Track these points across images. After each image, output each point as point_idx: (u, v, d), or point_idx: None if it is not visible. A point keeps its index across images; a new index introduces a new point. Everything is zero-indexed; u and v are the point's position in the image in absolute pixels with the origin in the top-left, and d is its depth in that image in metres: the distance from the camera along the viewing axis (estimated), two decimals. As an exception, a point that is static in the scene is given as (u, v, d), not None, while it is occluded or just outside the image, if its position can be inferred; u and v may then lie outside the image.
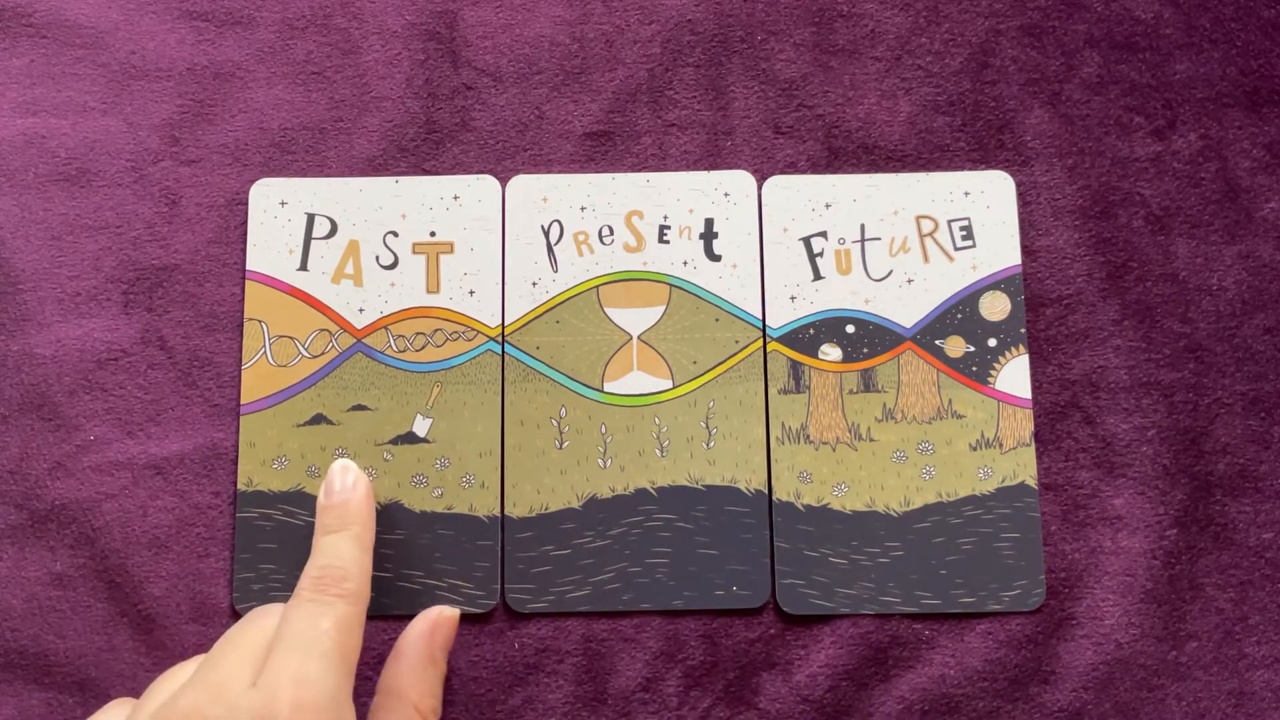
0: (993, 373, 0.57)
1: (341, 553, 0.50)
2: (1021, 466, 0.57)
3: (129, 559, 0.56)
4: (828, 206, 0.59)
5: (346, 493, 0.53)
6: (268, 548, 0.56)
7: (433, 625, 0.53)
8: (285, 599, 0.55)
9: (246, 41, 0.61)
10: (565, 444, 0.57)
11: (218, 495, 0.56)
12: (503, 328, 0.58)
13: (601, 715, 0.55)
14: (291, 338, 0.57)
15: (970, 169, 0.59)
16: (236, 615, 0.55)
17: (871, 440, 0.57)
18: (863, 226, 0.59)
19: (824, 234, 0.58)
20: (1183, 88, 0.60)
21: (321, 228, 0.58)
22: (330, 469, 0.54)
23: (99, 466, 0.56)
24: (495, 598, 0.56)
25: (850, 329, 0.58)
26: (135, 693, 0.54)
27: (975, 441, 0.57)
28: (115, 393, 0.57)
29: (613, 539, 0.56)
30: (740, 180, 0.59)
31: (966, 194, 0.59)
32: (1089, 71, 0.60)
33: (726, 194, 0.59)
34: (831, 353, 0.58)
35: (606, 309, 0.58)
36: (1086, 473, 0.57)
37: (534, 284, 0.58)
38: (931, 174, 0.59)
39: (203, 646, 0.55)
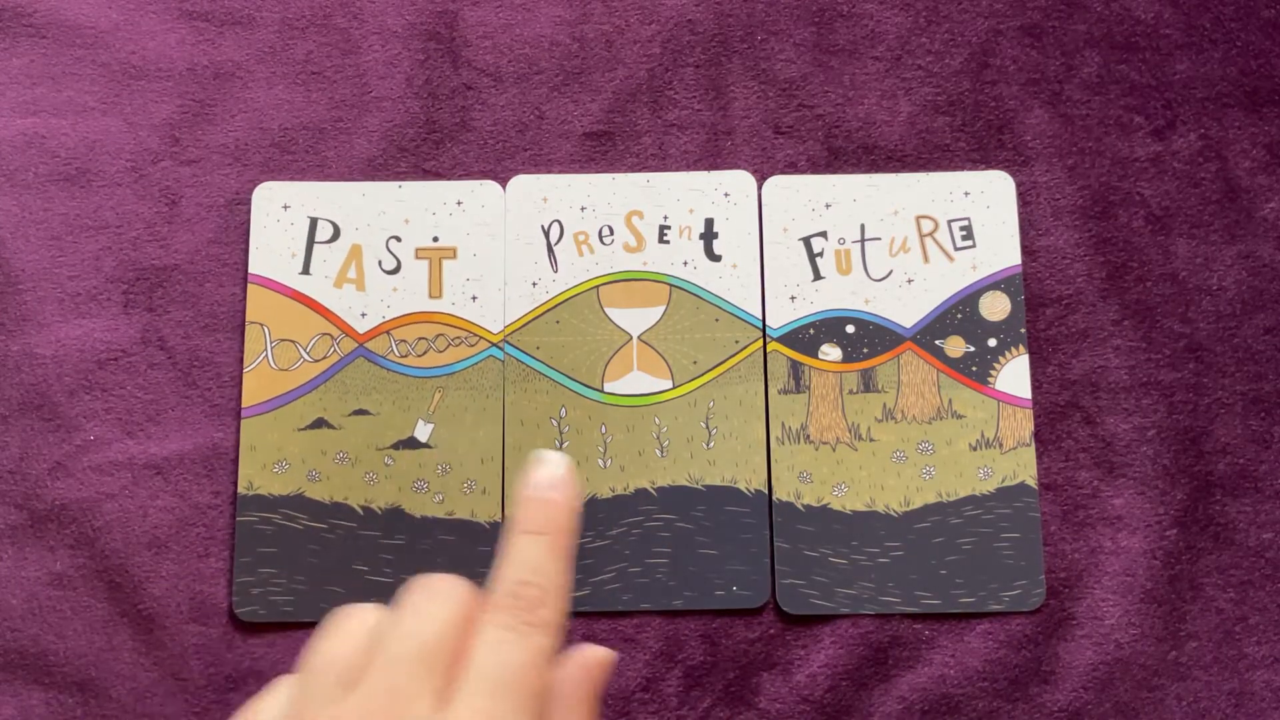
0: (993, 373, 0.57)
1: (542, 567, 0.46)
2: (1021, 466, 0.57)
3: (129, 559, 0.56)
4: (828, 206, 0.59)
5: (557, 489, 0.49)
6: (268, 551, 0.56)
7: (586, 669, 0.46)
8: (285, 603, 0.55)
9: (246, 41, 0.60)
10: (565, 444, 0.57)
11: (218, 495, 0.56)
12: (503, 332, 0.58)
13: (601, 715, 0.55)
14: (293, 341, 0.57)
15: (970, 169, 0.59)
16: (236, 619, 0.55)
17: (871, 440, 0.57)
18: (863, 226, 0.59)
19: (824, 234, 0.58)
20: (1183, 88, 0.60)
21: (324, 231, 0.58)
22: (540, 455, 0.49)
23: (99, 466, 0.56)
24: (496, 601, 0.56)
25: (850, 329, 0.58)
26: (136, 692, 0.55)
27: (975, 441, 0.57)
28: (115, 393, 0.57)
29: (613, 539, 0.56)
30: (740, 180, 0.59)
31: (966, 194, 0.59)
32: (1089, 71, 0.60)
33: (726, 194, 0.59)
34: (831, 353, 0.58)
35: (606, 309, 0.58)
36: (1086, 473, 0.57)
37: (534, 284, 0.58)
38: (931, 174, 0.59)
39: (203, 646, 0.55)
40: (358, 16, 0.61)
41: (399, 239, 0.58)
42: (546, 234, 0.59)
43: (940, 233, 0.59)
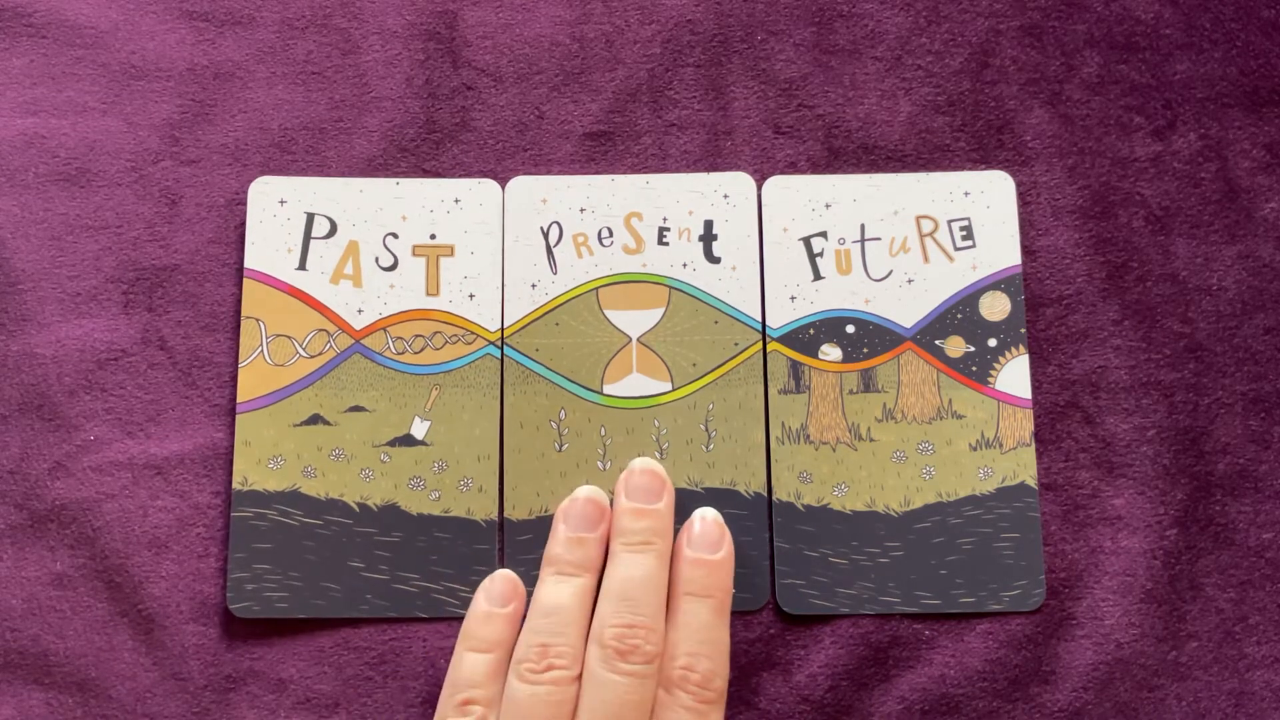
0: (993, 373, 0.57)
1: (711, 636, 0.48)
2: (1021, 466, 0.56)
3: (129, 559, 0.56)
4: (828, 206, 0.59)
5: (719, 547, 0.50)
6: (262, 547, 0.56)
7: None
8: (280, 600, 0.55)
9: (246, 41, 0.61)
10: (565, 446, 0.57)
11: (218, 495, 0.56)
12: (502, 331, 0.58)
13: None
14: (289, 337, 0.57)
15: (970, 169, 0.59)
16: (231, 615, 0.55)
17: (871, 440, 0.57)
18: (863, 226, 0.59)
19: (824, 234, 0.58)
20: (1183, 88, 0.60)
21: (321, 227, 0.58)
22: (702, 514, 0.51)
23: (99, 466, 0.56)
24: (492, 600, 0.56)
25: (850, 329, 0.58)
26: (136, 692, 0.55)
27: (975, 441, 0.57)
28: (115, 393, 0.57)
29: (612, 540, 0.56)
30: (739, 182, 0.59)
31: (966, 194, 0.59)
32: (1089, 71, 0.60)
33: (726, 196, 0.59)
34: (831, 353, 0.57)
35: (606, 311, 0.58)
36: (1086, 473, 0.57)
37: (533, 286, 0.58)
38: (931, 174, 0.59)
39: (203, 646, 0.55)
40: (358, 16, 0.61)
41: (396, 235, 0.58)
42: (545, 236, 0.58)
43: (940, 233, 0.58)
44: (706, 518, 0.51)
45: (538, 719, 0.47)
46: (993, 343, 0.57)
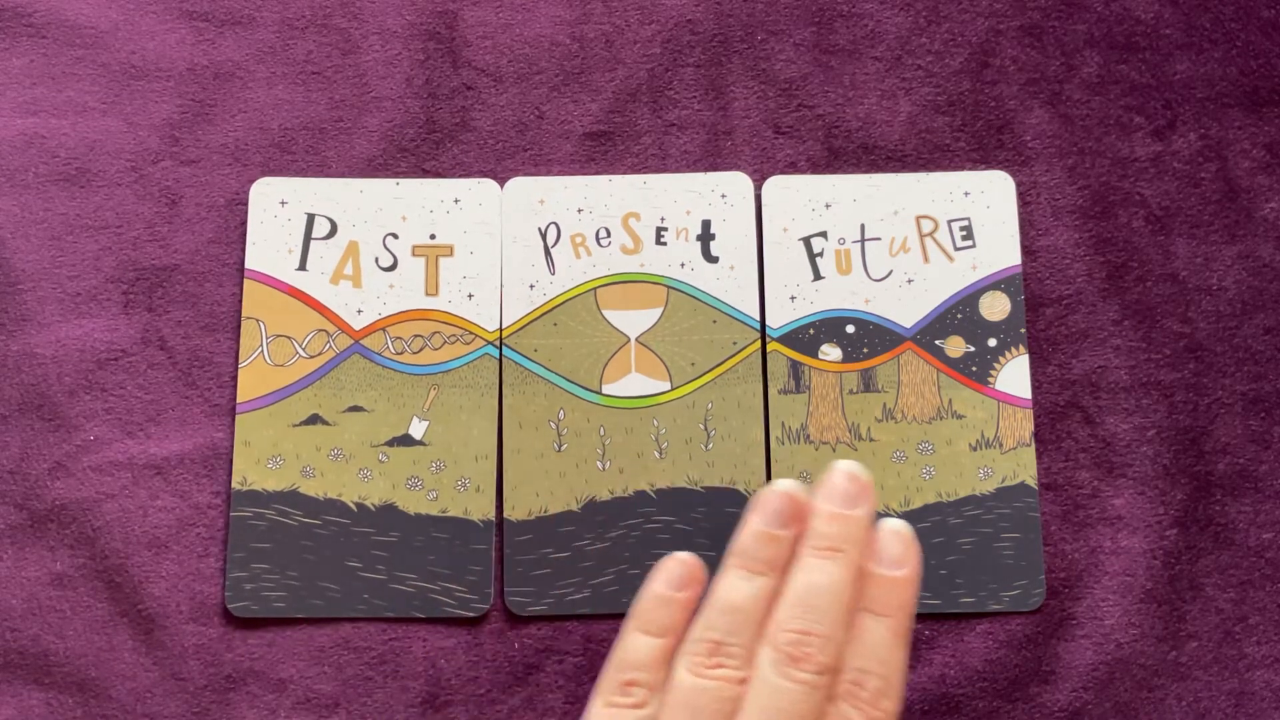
0: (993, 373, 0.57)
1: (887, 655, 0.45)
2: (1021, 467, 0.56)
3: (129, 559, 0.56)
4: (828, 206, 0.59)
5: (905, 566, 0.46)
6: (261, 547, 0.56)
7: None
8: (278, 599, 0.55)
9: (246, 41, 0.61)
10: (564, 446, 0.57)
11: (217, 495, 0.56)
12: (500, 331, 0.58)
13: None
14: (289, 337, 0.57)
15: (970, 169, 0.59)
16: (230, 615, 0.55)
17: (871, 440, 0.57)
18: (863, 226, 0.59)
19: (824, 234, 0.58)
20: (1183, 88, 0.60)
21: (321, 228, 0.58)
22: (888, 525, 0.47)
23: (99, 466, 0.56)
24: (488, 601, 0.56)
25: (850, 329, 0.58)
26: (136, 692, 0.55)
27: (975, 441, 0.57)
28: (115, 393, 0.57)
29: (612, 541, 0.56)
30: (737, 182, 0.59)
31: (966, 194, 0.59)
32: (1089, 71, 0.60)
33: (723, 195, 0.59)
34: (831, 353, 0.57)
35: (604, 311, 0.58)
36: (1086, 473, 0.57)
37: (531, 286, 0.58)
38: (932, 174, 0.59)
39: (202, 646, 0.55)
40: (358, 16, 0.61)
41: (396, 236, 0.58)
42: (543, 236, 0.59)
43: (940, 233, 0.58)
44: (893, 531, 0.49)
45: (702, 714, 0.46)
46: (993, 343, 0.57)
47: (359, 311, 0.58)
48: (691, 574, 0.48)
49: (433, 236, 0.58)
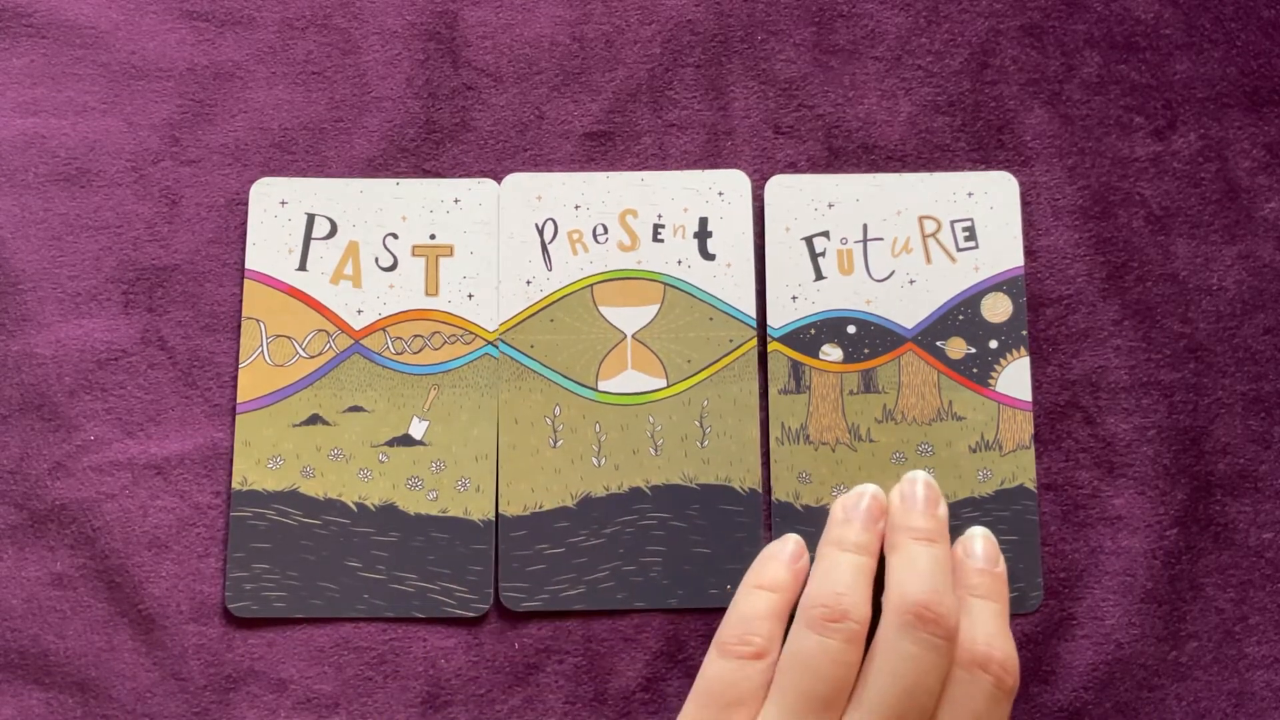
0: (993, 375, 0.57)
1: (1002, 632, 0.50)
2: (1021, 469, 0.56)
3: (129, 559, 0.56)
4: (830, 206, 0.59)
5: (1003, 562, 0.53)
6: (261, 547, 0.56)
7: None
8: (278, 599, 0.55)
9: (246, 41, 0.61)
10: (559, 443, 0.57)
11: (218, 495, 0.56)
12: (500, 329, 0.58)
13: (601, 715, 0.55)
14: (289, 337, 0.57)
15: (970, 169, 0.59)
16: (231, 615, 0.55)
17: (871, 441, 0.57)
18: (865, 226, 0.58)
19: (826, 234, 0.58)
20: (1183, 88, 0.60)
21: (321, 228, 0.58)
22: (976, 533, 0.54)
23: (99, 466, 0.56)
24: (489, 602, 0.56)
25: (851, 329, 0.58)
26: (136, 692, 0.55)
27: (975, 443, 0.57)
28: (115, 393, 0.57)
29: (607, 538, 0.56)
30: (734, 179, 0.59)
31: (970, 195, 0.59)
32: (1089, 71, 0.60)
33: (721, 193, 0.59)
34: (832, 353, 0.57)
35: (601, 308, 0.58)
36: (1086, 473, 0.57)
37: (528, 282, 0.58)
38: (935, 174, 0.59)
39: (203, 646, 0.55)
40: (358, 16, 0.61)
41: (396, 236, 0.58)
42: (540, 232, 0.59)
43: (943, 233, 0.58)
44: (983, 534, 0.53)
45: (824, 675, 0.47)
46: (994, 344, 0.57)
47: (359, 311, 0.58)
48: (803, 551, 0.53)
49: (433, 236, 0.58)
